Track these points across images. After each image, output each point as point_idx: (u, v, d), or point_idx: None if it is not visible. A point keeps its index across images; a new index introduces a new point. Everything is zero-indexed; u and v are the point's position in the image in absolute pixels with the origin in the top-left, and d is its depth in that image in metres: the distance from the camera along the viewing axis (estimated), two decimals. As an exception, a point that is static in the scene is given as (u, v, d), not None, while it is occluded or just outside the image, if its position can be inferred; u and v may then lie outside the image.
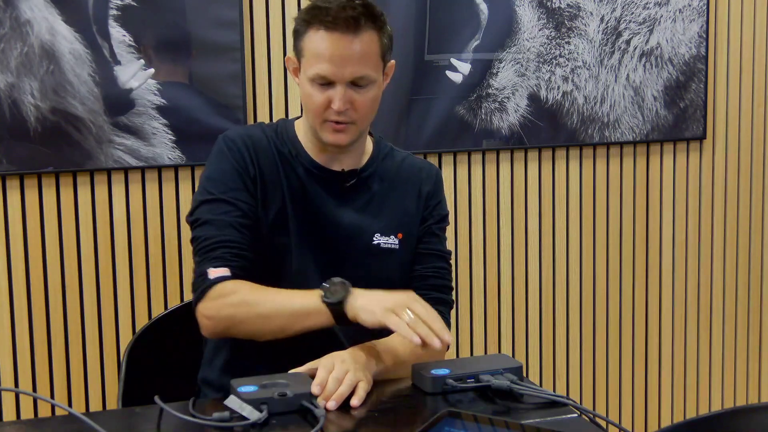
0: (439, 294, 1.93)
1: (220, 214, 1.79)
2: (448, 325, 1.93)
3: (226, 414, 1.50)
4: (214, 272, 1.75)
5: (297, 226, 1.86)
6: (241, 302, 1.73)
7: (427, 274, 1.93)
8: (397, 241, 1.91)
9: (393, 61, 1.87)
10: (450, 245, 2.93)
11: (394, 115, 2.83)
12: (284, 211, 1.85)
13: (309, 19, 1.76)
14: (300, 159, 1.88)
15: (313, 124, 1.83)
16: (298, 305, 1.69)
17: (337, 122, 1.79)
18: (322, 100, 1.77)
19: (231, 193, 1.81)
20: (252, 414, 1.49)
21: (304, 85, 1.80)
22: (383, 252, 1.89)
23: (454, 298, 1.99)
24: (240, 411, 1.50)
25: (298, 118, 1.94)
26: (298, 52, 1.81)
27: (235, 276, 1.75)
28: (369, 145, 1.95)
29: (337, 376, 1.58)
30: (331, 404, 1.54)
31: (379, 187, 1.92)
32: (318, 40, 1.75)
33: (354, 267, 1.87)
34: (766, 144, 3.28)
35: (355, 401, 1.57)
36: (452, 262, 2.00)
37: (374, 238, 1.89)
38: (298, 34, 1.80)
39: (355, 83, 1.76)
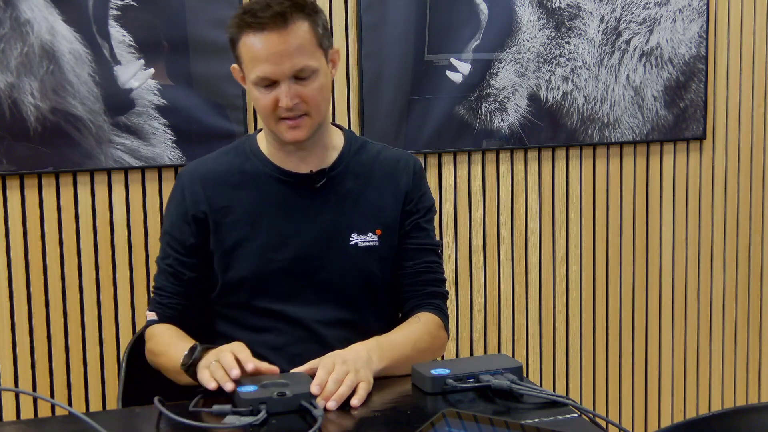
0: (432, 288, 1.92)
1: (160, 258, 1.94)
2: (446, 316, 1.93)
3: (227, 410, 1.51)
4: (148, 315, 1.93)
5: (268, 241, 1.85)
6: (150, 350, 1.90)
7: (419, 270, 1.92)
8: (376, 238, 1.89)
9: (337, 48, 1.88)
10: (450, 245, 2.95)
11: (394, 115, 2.83)
12: (249, 232, 1.86)
13: (238, 24, 1.77)
14: (266, 170, 1.88)
15: (269, 127, 1.84)
16: (176, 363, 1.71)
17: (291, 118, 1.78)
18: (270, 101, 1.77)
19: (166, 237, 1.92)
20: (250, 414, 1.49)
21: (251, 90, 1.81)
22: (362, 251, 1.88)
23: (448, 288, 1.98)
24: (239, 411, 1.51)
25: (260, 130, 1.94)
26: (238, 59, 1.82)
27: (161, 319, 1.89)
28: (338, 140, 1.93)
29: (336, 377, 1.58)
30: (331, 404, 1.54)
31: (353, 183, 1.89)
32: (251, 44, 1.75)
33: (334, 269, 1.87)
34: (766, 144, 3.27)
35: (355, 401, 1.57)
36: (442, 252, 2.00)
37: (351, 238, 1.87)
38: (233, 43, 1.80)
39: (297, 76, 1.76)
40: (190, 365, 1.65)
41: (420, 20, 2.83)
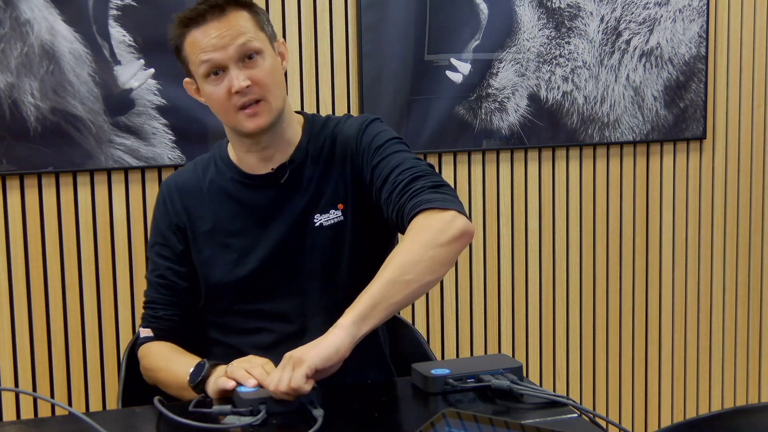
0: (408, 191, 1.73)
1: (149, 272, 1.93)
2: (438, 200, 1.69)
3: (227, 410, 1.51)
4: (142, 332, 1.91)
5: (242, 247, 1.85)
6: (147, 368, 1.87)
7: (389, 192, 1.77)
8: (339, 213, 1.85)
9: (283, 41, 1.88)
10: (450, 245, 2.94)
11: (394, 115, 2.83)
12: (223, 240, 1.86)
13: (179, 26, 1.78)
14: (233, 176, 1.88)
15: (229, 122, 1.81)
16: (181, 379, 1.71)
17: (248, 105, 1.76)
18: (224, 91, 1.76)
19: (155, 248, 1.92)
20: (250, 414, 1.49)
21: (204, 89, 1.80)
22: (328, 230, 1.84)
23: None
24: (238, 411, 1.51)
25: None
26: (185, 65, 1.82)
27: (156, 335, 1.89)
28: (298, 130, 1.89)
29: (269, 389, 1.53)
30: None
31: (313, 168, 1.86)
32: (194, 39, 1.77)
33: (305, 257, 1.85)
34: (766, 144, 3.27)
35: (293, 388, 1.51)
36: (413, 156, 1.82)
37: (315, 220, 1.84)
38: (178, 51, 1.81)
39: (244, 59, 1.75)
40: (199, 382, 1.64)
41: (420, 20, 2.83)
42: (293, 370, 1.51)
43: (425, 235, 1.64)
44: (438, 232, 1.65)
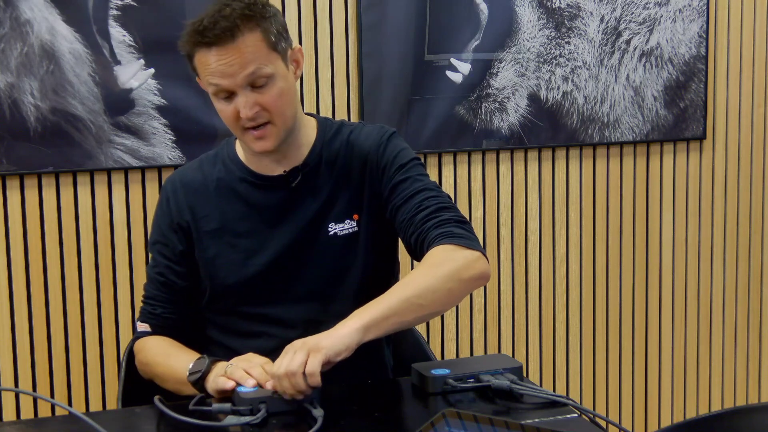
0: (432, 221, 1.76)
1: (150, 267, 1.93)
2: (462, 237, 1.72)
3: (227, 409, 1.51)
4: (139, 326, 1.92)
5: (248, 247, 1.84)
6: (143, 362, 1.88)
7: (412, 215, 1.79)
8: (354, 223, 1.84)
9: (298, 46, 1.84)
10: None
11: (394, 115, 2.83)
12: (230, 240, 1.85)
13: (190, 42, 1.75)
14: (241, 176, 1.87)
15: (237, 137, 1.83)
16: (179, 374, 1.70)
17: (255, 128, 1.76)
18: (232, 112, 1.75)
19: (157, 245, 1.92)
20: (250, 413, 1.49)
21: (213, 101, 1.79)
22: (342, 239, 1.84)
23: (463, 214, 1.80)
24: (238, 410, 1.51)
25: None
26: (196, 73, 1.80)
27: (154, 330, 1.90)
28: (312, 133, 1.88)
29: (277, 373, 1.52)
30: (297, 397, 1.51)
31: (327, 174, 1.85)
32: (203, 60, 1.74)
33: (315, 264, 1.84)
34: (766, 144, 3.28)
35: (310, 381, 1.50)
36: (437, 186, 1.83)
37: (329, 229, 1.83)
38: (189, 59, 1.79)
39: (253, 84, 1.73)
40: (199, 378, 1.64)
41: (420, 20, 2.83)
42: (307, 356, 1.50)
43: (448, 267, 1.67)
44: (462, 267, 1.68)
